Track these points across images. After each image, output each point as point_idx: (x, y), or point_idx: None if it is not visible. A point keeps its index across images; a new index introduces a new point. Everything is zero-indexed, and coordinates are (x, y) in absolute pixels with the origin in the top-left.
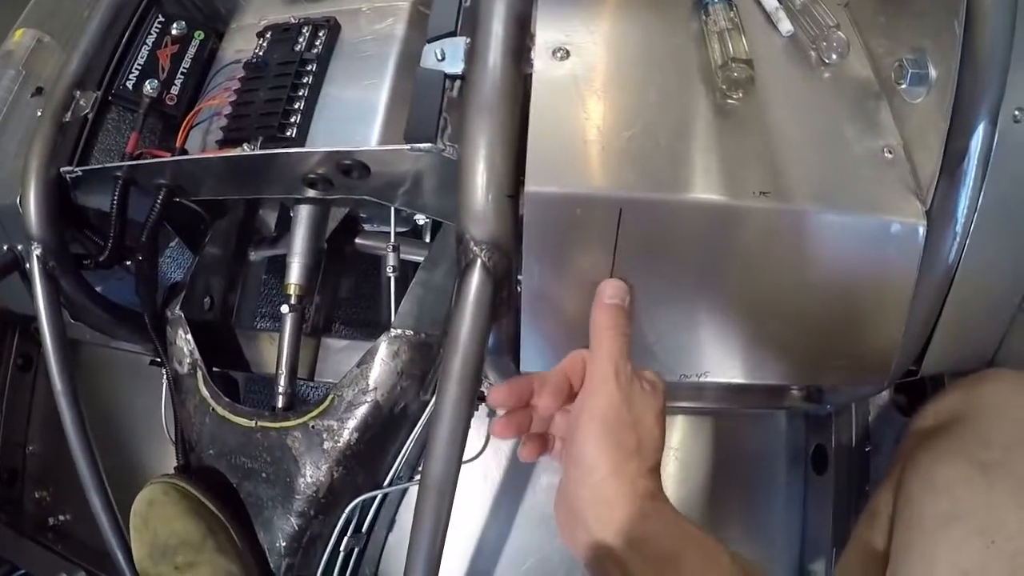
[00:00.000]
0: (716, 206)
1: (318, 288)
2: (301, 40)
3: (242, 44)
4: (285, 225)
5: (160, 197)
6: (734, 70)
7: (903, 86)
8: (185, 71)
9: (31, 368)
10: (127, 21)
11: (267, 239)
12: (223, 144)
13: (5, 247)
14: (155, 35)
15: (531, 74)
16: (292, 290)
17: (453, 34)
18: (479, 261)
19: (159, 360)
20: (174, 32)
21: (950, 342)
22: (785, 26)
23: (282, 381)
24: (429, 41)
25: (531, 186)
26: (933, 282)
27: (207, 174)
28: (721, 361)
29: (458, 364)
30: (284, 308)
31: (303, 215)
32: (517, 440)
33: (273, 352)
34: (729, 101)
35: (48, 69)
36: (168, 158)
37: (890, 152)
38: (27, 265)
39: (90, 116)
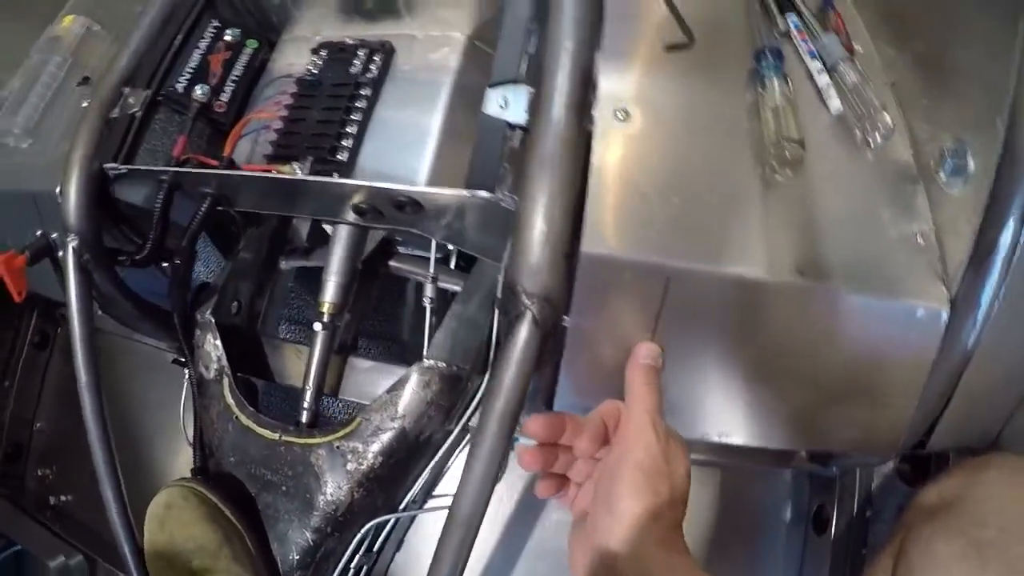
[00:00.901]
0: (756, 282)
1: (349, 306)
2: (357, 63)
3: (293, 57)
4: (317, 236)
5: (205, 206)
6: (786, 149)
7: (941, 175)
8: (236, 79)
9: (47, 346)
10: (181, 22)
11: (299, 249)
12: (272, 159)
13: (39, 232)
14: (208, 40)
15: (591, 132)
16: (326, 308)
17: (516, 81)
18: (529, 314)
19: (183, 360)
20: (227, 38)
21: (959, 420)
22: (835, 104)
23: (308, 397)
24: (492, 86)
25: (587, 248)
26: (949, 364)
27: (254, 189)
28: (742, 424)
29: (499, 409)
30: (317, 326)
31: (342, 235)
32: (530, 473)
33: (296, 363)
34: (776, 176)
35: (96, 59)
36: (217, 170)
37: (922, 238)
38: (59, 253)
39: (138, 115)
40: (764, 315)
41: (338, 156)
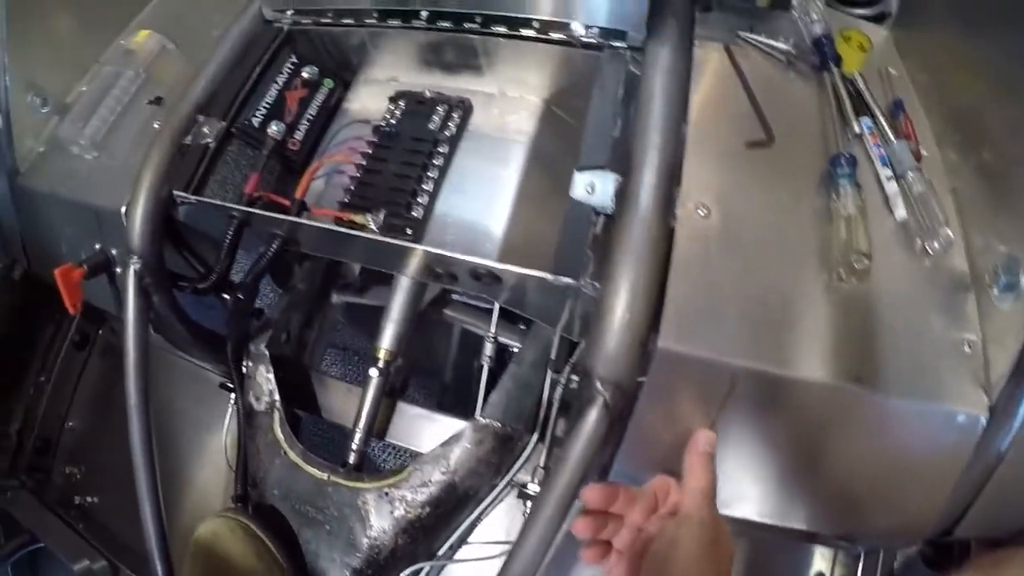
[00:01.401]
0: (816, 385)
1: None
2: (436, 119)
3: (369, 101)
4: (369, 273)
5: (274, 247)
6: (855, 261)
7: (994, 289)
8: (311, 118)
9: (87, 347)
10: (260, 55)
11: (352, 285)
12: (345, 207)
13: (98, 246)
14: (286, 76)
15: (674, 226)
16: (381, 354)
17: (604, 167)
18: (602, 399)
19: (230, 387)
20: (304, 75)
21: (986, 513)
22: (900, 213)
23: (357, 439)
24: (580, 170)
25: (664, 343)
26: (982, 464)
27: (327, 239)
28: (782, 507)
29: (563, 483)
30: (372, 372)
31: (405, 285)
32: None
33: (342, 400)
34: (840, 283)
35: (168, 78)
36: (291, 217)
37: (969, 347)
38: (117, 270)
39: (212, 146)
40: (817, 413)
41: (413, 212)
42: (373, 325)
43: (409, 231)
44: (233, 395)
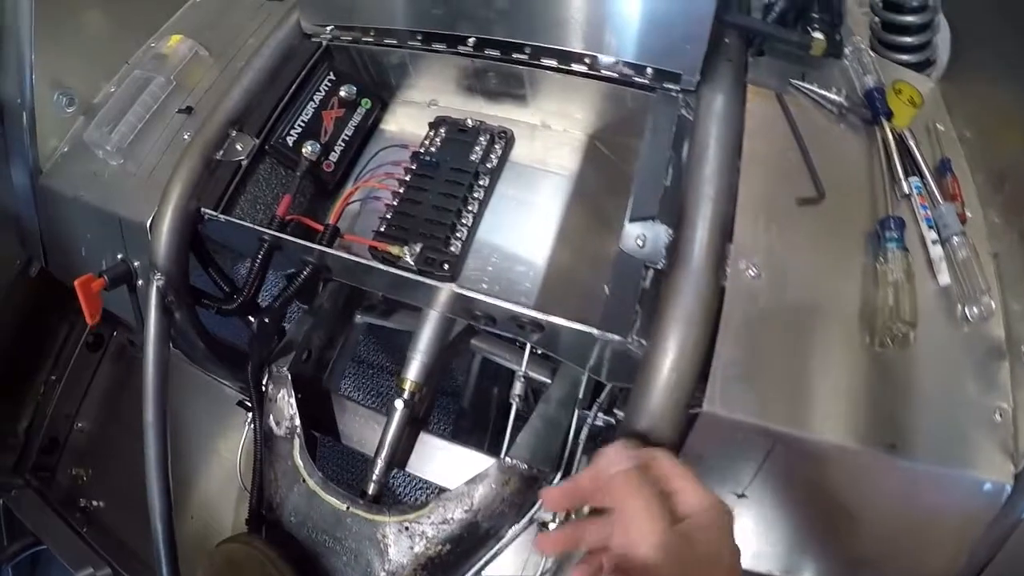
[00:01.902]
0: (851, 451)
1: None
2: (477, 149)
3: (407, 123)
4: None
5: (305, 274)
6: (899, 329)
7: None
8: (347, 139)
9: (100, 348)
10: (297, 70)
11: (376, 306)
12: (380, 237)
13: (119, 256)
14: (323, 93)
15: (724, 286)
16: (407, 386)
17: (655, 219)
18: None
19: (248, 405)
20: (342, 94)
21: (999, 572)
22: (944, 279)
23: (377, 470)
24: (631, 221)
25: (709, 407)
26: (1002, 528)
27: (360, 270)
28: (805, 562)
29: None
30: (398, 403)
31: (433, 316)
32: None
33: (361, 425)
34: (881, 349)
35: (200, 86)
36: (326, 248)
37: (1000, 415)
38: (138, 282)
39: (244, 163)
40: (846, 475)
41: (450, 247)
42: (393, 343)
43: (446, 266)
44: (250, 414)
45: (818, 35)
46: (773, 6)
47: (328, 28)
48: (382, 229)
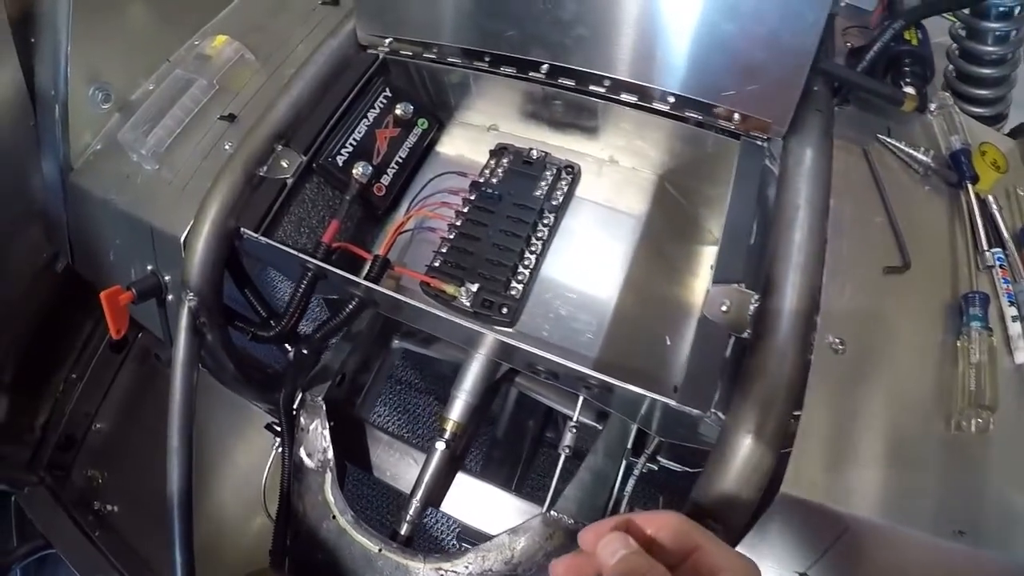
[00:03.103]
0: (919, 540)
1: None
2: (543, 184)
3: (465, 147)
4: None
5: (350, 308)
6: (979, 415)
7: None
8: (400, 161)
9: (123, 350)
10: (351, 84)
11: (415, 332)
12: (434, 273)
13: (149, 267)
14: (377, 111)
15: (810, 361)
16: (449, 426)
17: (741, 283)
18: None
19: (277, 431)
20: (398, 112)
21: None
22: (1020, 356)
23: (412, 510)
24: (716, 283)
25: (787, 488)
26: None
27: (411, 310)
28: None
29: None
30: (439, 444)
31: (480, 351)
32: None
33: (396, 460)
34: (958, 432)
35: (245, 92)
36: (375, 286)
37: None
38: (168, 296)
39: (289, 183)
40: (914, 561)
41: (511, 290)
42: (424, 359)
43: (504, 309)
44: (279, 439)
45: (910, 90)
46: (862, 53)
47: (387, 40)
48: (436, 264)
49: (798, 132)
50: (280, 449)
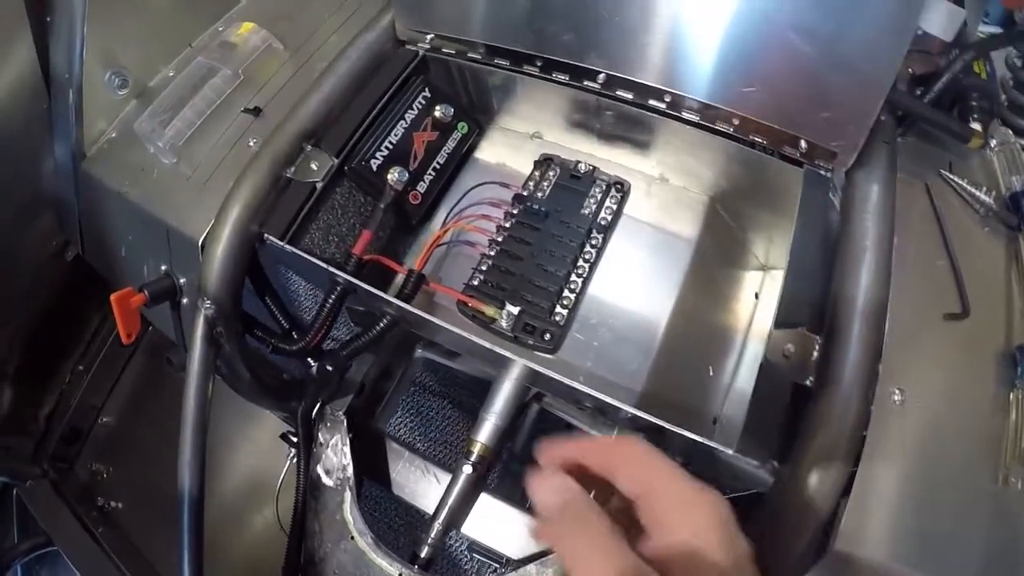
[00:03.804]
0: None
1: None
2: (591, 202)
3: (506, 154)
4: None
5: (382, 326)
6: None
7: None
8: (438, 167)
9: (133, 343)
10: (388, 83)
11: (440, 344)
12: (472, 292)
13: (163, 267)
14: (415, 112)
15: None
16: (477, 449)
17: (805, 326)
18: None
19: (293, 441)
20: (437, 114)
21: None
22: None
23: (434, 533)
24: (777, 326)
25: (840, 544)
26: None
27: (446, 334)
28: None
29: None
30: (466, 467)
31: (515, 376)
32: None
33: (417, 479)
34: (1005, 487)
35: (272, 84)
36: (410, 308)
37: None
38: (182, 299)
39: (319, 186)
40: None
41: (555, 316)
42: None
43: (547, 336)
44: (293, 450)
45: (977, 126)
46: (929, 83)
47: (428, 36)
48: (475, 283)
49: (864, 165)
50: (294, 459)
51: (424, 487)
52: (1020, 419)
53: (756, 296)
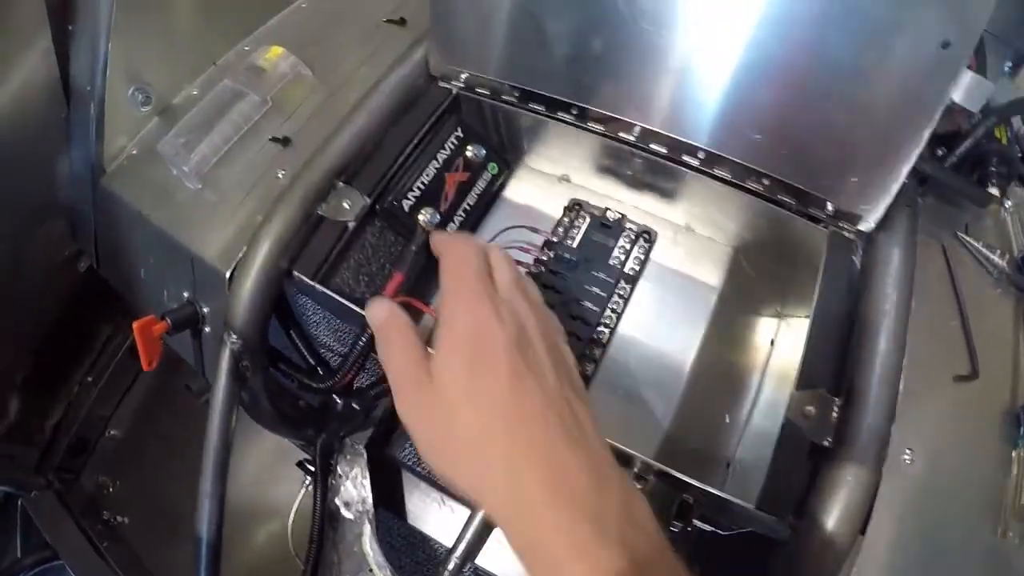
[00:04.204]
0: None
1: None
2: (619, 253)
3: (533, 195)
4: None
5: None
6: None
7: None
8: (468, 209)
9: None
10: (423, 120)
11: None
12: None
13: (186, 294)
14: (448, 152)
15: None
16: None
17: (824, 389)
18: None
19: (310, 470)
20: (468, 154)
21: None
22: None
23: (452, 566)
24: (800, 388)
25: None
26: None
27: None
28: None
29: None
30: None
31: None
32: None
33: (435, 511)
34: (1002, 539)
35: (300, 111)
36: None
37: None
38: (205, 328)
39: (351, 226)
40: None
41: (583, 368)
42: None
43: None
44: (309, 478)
45: (995, 191)
46: (951, 144)
47: (462, 75)
48: None
49: (886, 228)
50: (309, 486)
51: (442, 518)
52: (1021, 477)
53: (772, 343)
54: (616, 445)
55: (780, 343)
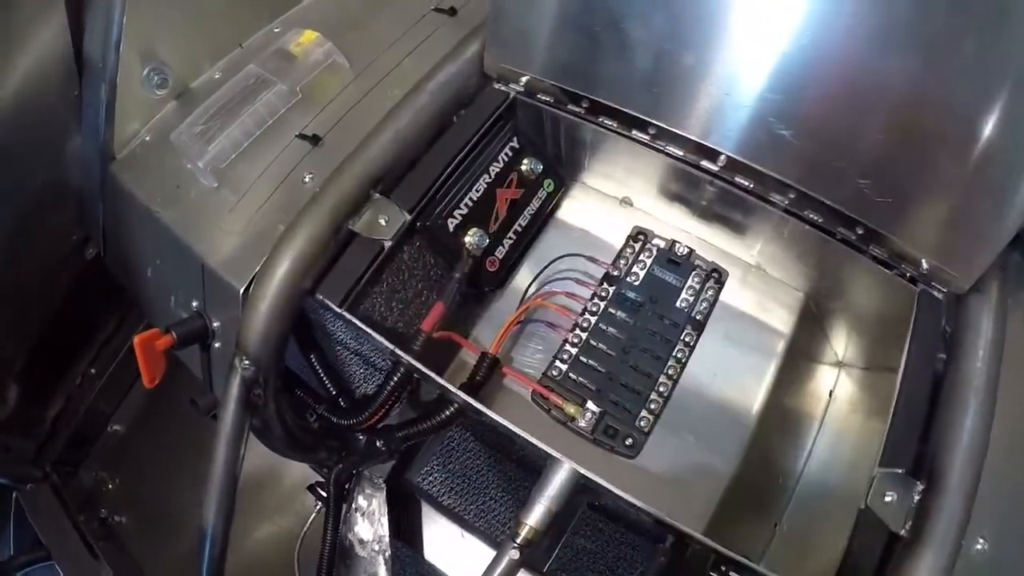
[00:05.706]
0: None
1: None
2: (688, 295)
3: (592, 219)
4: None
5: (445, 416)
6: None
7: None
8: (519, 230)
9: None
10: (475, 128)
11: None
12: (550, 383)
13: (195, 304)
14: (501, 165)
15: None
16: (525, 532)
17: (908, 474)
18: None
19: (322, 495)
20: (523, 168)
21: None
22: None
23: None
24: (883, 465)
25: None
26: None
27: (521, 440)
28: None
29: None
30: (513, 552)
31: (568, 467)
32: None
33: (452, 544)
34: None
35: (333, 106)
36: (484, 408)
37: None
38: (214, 343)
39: (388, 246)
40: None
41: (640, 422)
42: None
43: (629, 441)
44: (320, 503)
45: None
46: None
47: (523, 78)
48: (554, 374)
49: (979, 290)
50: (319, 510)
51: (460, 558)
52: None
53: (830, 394)
54: (662, 517)
55: (839, 394)
